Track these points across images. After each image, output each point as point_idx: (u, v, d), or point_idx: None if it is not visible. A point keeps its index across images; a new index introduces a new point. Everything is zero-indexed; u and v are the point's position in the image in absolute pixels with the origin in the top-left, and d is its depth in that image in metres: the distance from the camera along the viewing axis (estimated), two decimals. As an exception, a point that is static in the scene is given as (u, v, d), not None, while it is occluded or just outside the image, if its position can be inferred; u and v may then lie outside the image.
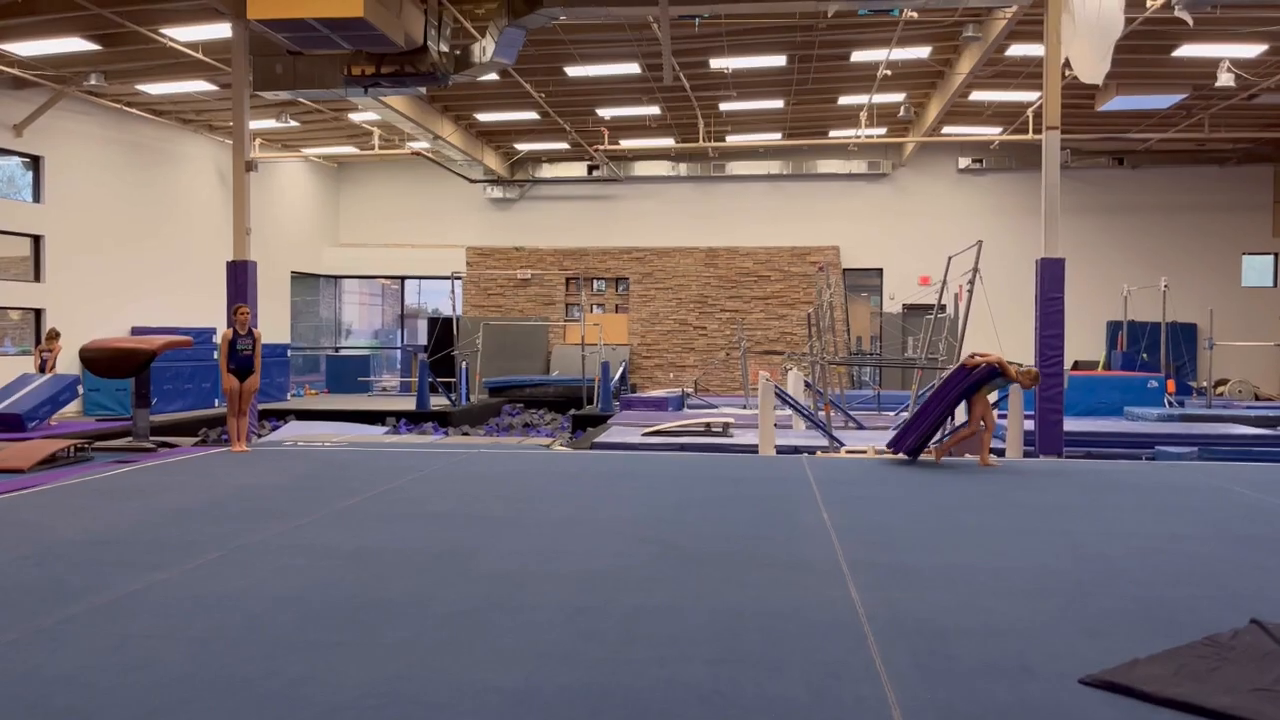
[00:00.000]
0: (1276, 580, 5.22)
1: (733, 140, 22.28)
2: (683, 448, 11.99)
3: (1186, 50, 14.98)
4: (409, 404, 17.87)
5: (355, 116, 19.62)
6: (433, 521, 6.74)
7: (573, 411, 17.95)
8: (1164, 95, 17.50)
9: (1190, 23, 12.19)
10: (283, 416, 16.32)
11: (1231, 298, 22.16)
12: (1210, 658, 3.70)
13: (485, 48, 12.58)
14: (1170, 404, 16.81)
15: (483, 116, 20.35)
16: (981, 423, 9.72)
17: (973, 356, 9.63)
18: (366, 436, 13.64)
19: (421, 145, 21.24)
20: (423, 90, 15.98)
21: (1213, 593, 4.90)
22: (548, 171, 24.58)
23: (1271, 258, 23.14)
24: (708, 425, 13.23)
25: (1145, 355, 19.72)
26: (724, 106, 19.30)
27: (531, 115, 19.85)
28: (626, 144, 22.42)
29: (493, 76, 16.05)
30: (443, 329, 21.48)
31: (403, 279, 26.30)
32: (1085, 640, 4.05)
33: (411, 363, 21.88)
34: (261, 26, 11.18)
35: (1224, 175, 22.70)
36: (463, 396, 18.86)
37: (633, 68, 16.53)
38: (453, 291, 21.25)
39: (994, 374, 9.43)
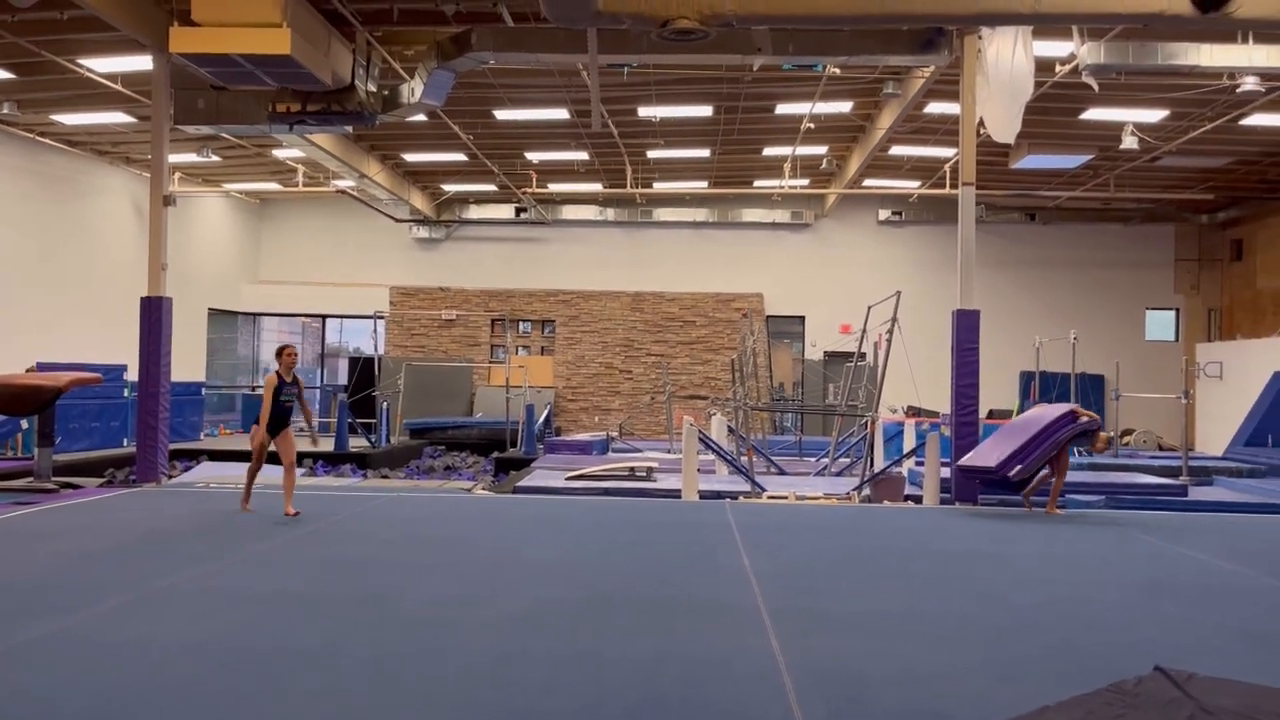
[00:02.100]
0: (1179, 627, 5.39)
1: (660, 187, 22.56)
2: (606, 492, 11.95)
3: (1093, 114, 15.66)
4: (327, 445, 17.51)
5: (279, 153, 19.38)
6: (350, 566, 6.60)
7: (496, 454, 17.77)
8: (1072, 155, 18.25)
9: (1096, 88, 12.78)
10: (195, 457, 15.84)
11: (1136, 350, 23.01)
12: (1116, 704, 3.80)
13: (414, 89, 12.57)
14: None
15: (410, 156, 20.28)
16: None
17: (1079, 409, 9.98)
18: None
19: (347, 183, 21.05)
20: (349, 129, 15.90)
21: (1119, 639, 5.04)
22: (475, 213, 24.55)
23: (1173, 313, 24.12)
24: (632, 470, 13.24)
25: (1056, 405, 20.31)
26: (651, 154, 19.55)
27: (460, 156, 19.84)
28: (555, 188, 22.52)
29: (421, 117, 16.02)
30: (363, 369, 21.14)
31: (324, 317, 25.88)
32: (999, 687, 4.13)
33: (331, 403, 21.47)
34: (184, 60, 11.01)
35: (1129, 233, 23.67)
36: (383, 438, 18.55)
37: (562, 113, 16.68)
38: (375, 331, 20.96)
39: (1088, 432, 9.78)
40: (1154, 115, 15.53)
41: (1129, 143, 15.42)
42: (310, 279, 24.85)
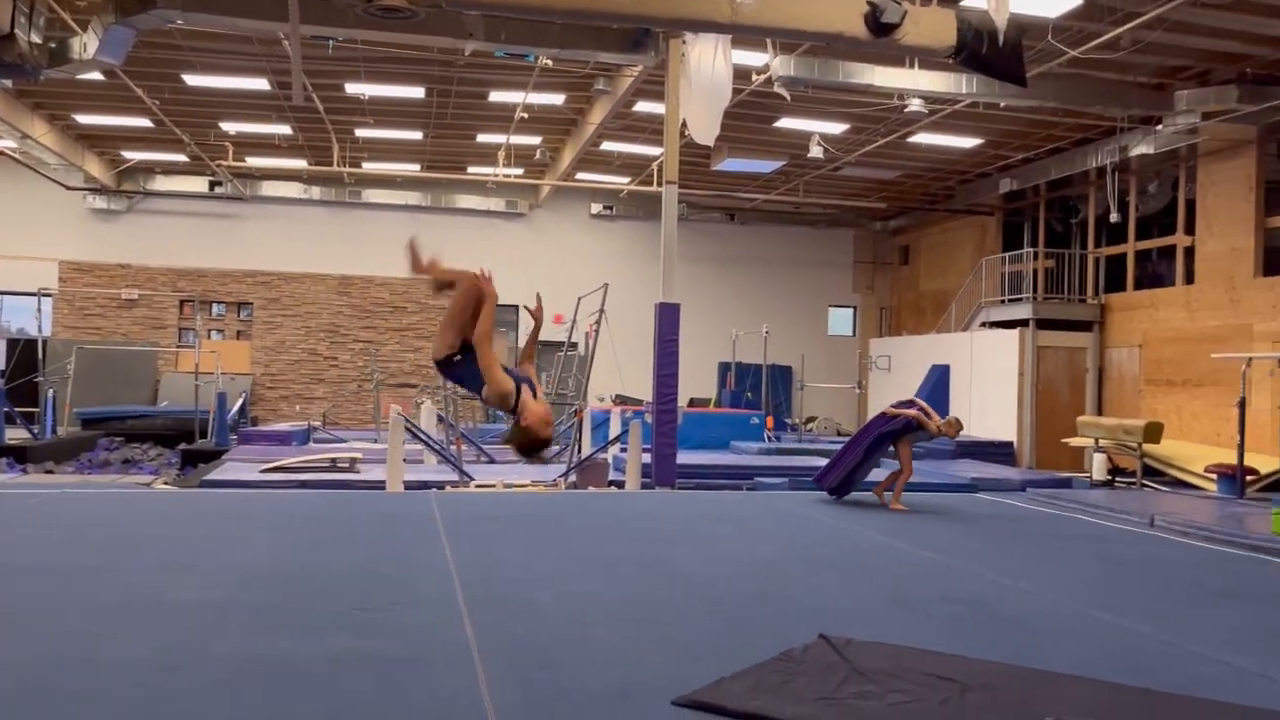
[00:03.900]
0: (844, 596, 5.91)
1: (370, 167, 21.80)
2: (305, 485, 11.42)
3: (786, 122, 16.83)
4: (-22, 437, 15.51)
5: (-81, 103, 16.88)
6: (-5, 575, 5.87)
7: (183, 446, 16.48)
8: (767, 161, 19.54)
9: (788, 98, 13.74)
10: None
11: (820, 344, 25.02)
12: (784, 672, 4.10)
13: (87, 44, 11.36)
14: (769, 438, 18.60)
15: (84, 118, 18.32)
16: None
17: (891, 408, 9.97)
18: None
19: (7, 144, 18.69)
20: (8, 83, 14.16)
21: (793, 610, 5.44)
22: (162, 184, 22.57)
23: (852, 310, 26.46)
24: (333, 461, 12.73)
25: (750, 394, 21.69)
26: (360, 132, 18.85)
27: (144, 122, 18.16)
28: (254, 162, 21.16)
29: (97, 76, 14.53)
30: (25, 352, 18.91)
31: (-23, 294, 22.86)
32: (682, 663, 4.33)
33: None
34: None
35: (815, 235, 25.68)
36: (47, 429, 16.70)
37: (261, 83, 15.69)
38: (40, 310, 18.78)
39: (911, 427, 9.76)
40: (837, 128, 16.91)
41: (815, 152, 16.71)
42: (-41, 249, 21.87)
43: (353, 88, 15.91)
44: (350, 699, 3.80)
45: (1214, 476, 13.34)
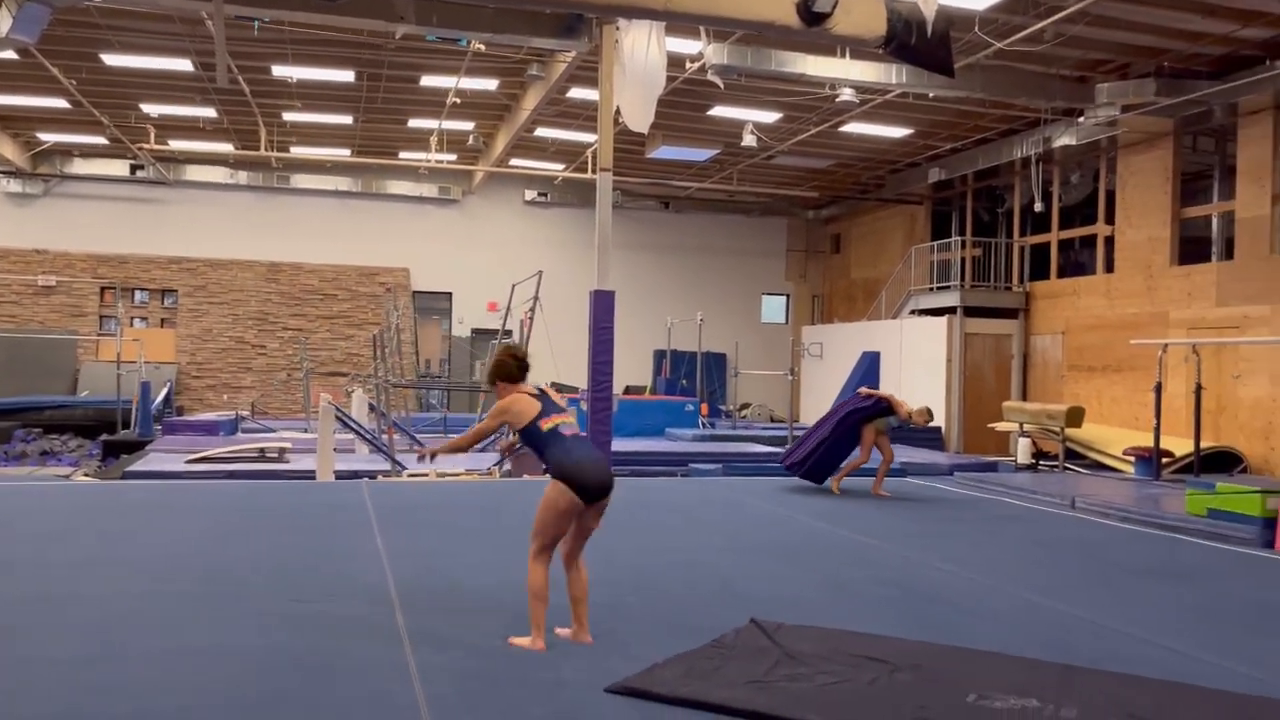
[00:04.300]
0: (777, 580, 5.98)
1: (298, 152, 21.35)
2: (232, 475, 11.20)
3: (719, 111, 16.87)
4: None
5: None
6: (-96, 572, 5.66)
7: (105, 437, 16.02)
8: (701, 149, 19.58)
9: (721, 86, 13.78)
10: None
11: (754, 332, 25.21)
12: (715, 657, 4.14)
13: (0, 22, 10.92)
14: (704, 425, 18.71)
15: (-4, 98, 17.66)
16: (878, 453, 10.00)
17: (865, 389, 9.97)
18: None
19: (-88, 123, 17.96)
20: (-86, 59, 13.58)
21: (725, 596, 5.49)
22: (81, 167, 21.83)
23: (785, 298, 26.70)
24: (262, 450, 12.51)
25: (685, 381, 21.79)
26: (288, 116, 18.44)
27: (60, 103, 17.54)
28: (177, 145, 20.58)
29: (10, 55, 13.99)
30: (-64, 341, 18.21)
31: (-117, 280, 21.92)
32: (616, 650, 4.35)
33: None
34: None
35: (749, 224, 25.83)
36: (-39, 421, 16.12)
37: (184, 64, 15.25)
38: (-49, 297, 18.09)
39: (883, 409, 9.75)
40: (770, 116, 17.01)
41: (749, 140, 16.79)
42: None
43: (280, 70, 15.56)
44: (280, 692, 3.74)
45: (1132, 459, 13.77)
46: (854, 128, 17.46)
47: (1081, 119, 14.98)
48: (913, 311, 19.94)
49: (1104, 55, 13.75)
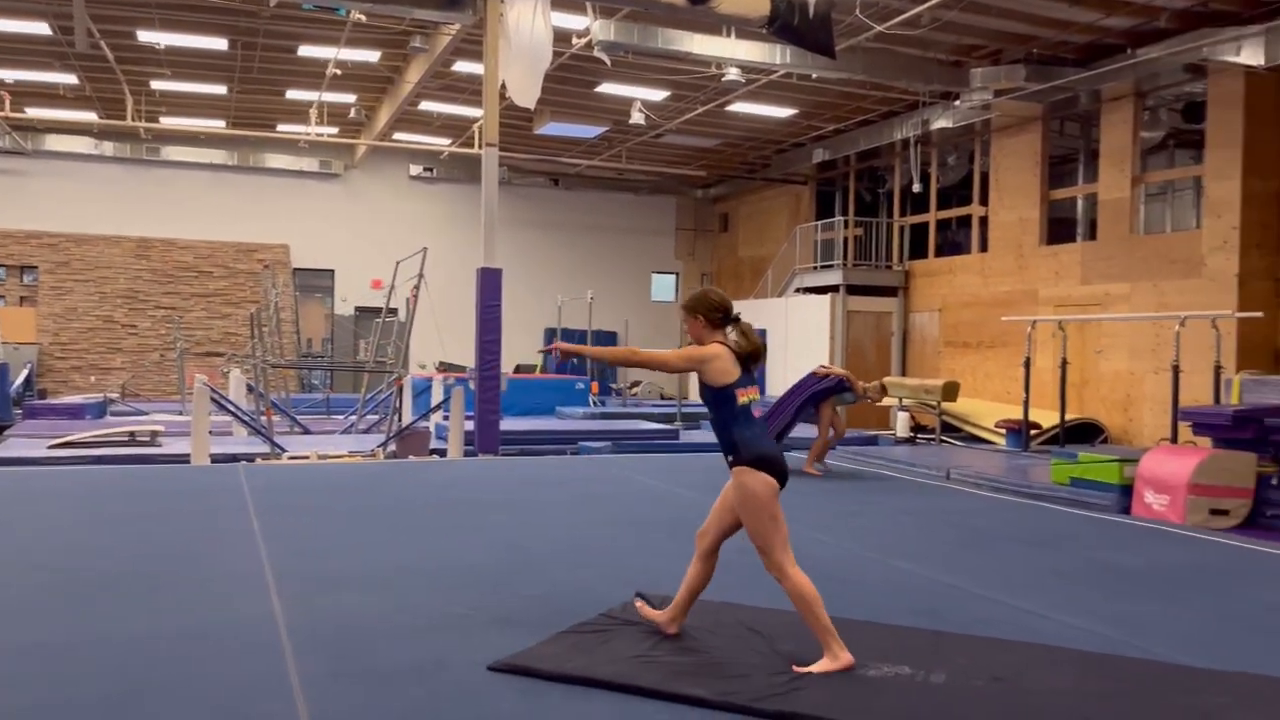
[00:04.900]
0: (663, 555, 6.03)
1: (169, 123, 20.45)
2: (100, 460, 10.71)
3: (607, 88, 16.83)
4: None
5: None
6: None
7: (-41, 422, 15.12)
8: (590, 126, 19.51)
9: (609, 63, 13.73)
10: None
11: (644, 310, 25.34)
12: (601, 632, 4.15)
13: None
14: (594, 404, 18.74)
15: None
16: (832, 430, 9.94)
17: (822, 367, 9.98)
18: None
19: None
20: None
21: (612, 572, 5.51)
22: (-72, 135, 20.51)
23: (674, 276, 26.89)
24: (132, 434, 12.00)
25: (575, 360, 21.75)
26: (157, 85, 17.63)
27: (-97, 65, 16.41)
28: (35, 113, 19.48)
29: None
30: None
31: None
32: (499, 630, 4.32)
33: None
34: None
35: (638, 202, 25.90)
36: None
37: (41, 27, 14.41)
38: None
39: (842, 387, 9.72)
40: (658, 95, 17.05)
41: (637, 118, 16.81)
42: None
43: (146, 35, 14.85)
44: (150, 680, 3.60)
45: (1003, 431, 14.37)
46: (740, 107, 17.64)
47: (957, 102, 15.47)
48: (798, 290, 20.33)
49: (978, 41, 14.20)
